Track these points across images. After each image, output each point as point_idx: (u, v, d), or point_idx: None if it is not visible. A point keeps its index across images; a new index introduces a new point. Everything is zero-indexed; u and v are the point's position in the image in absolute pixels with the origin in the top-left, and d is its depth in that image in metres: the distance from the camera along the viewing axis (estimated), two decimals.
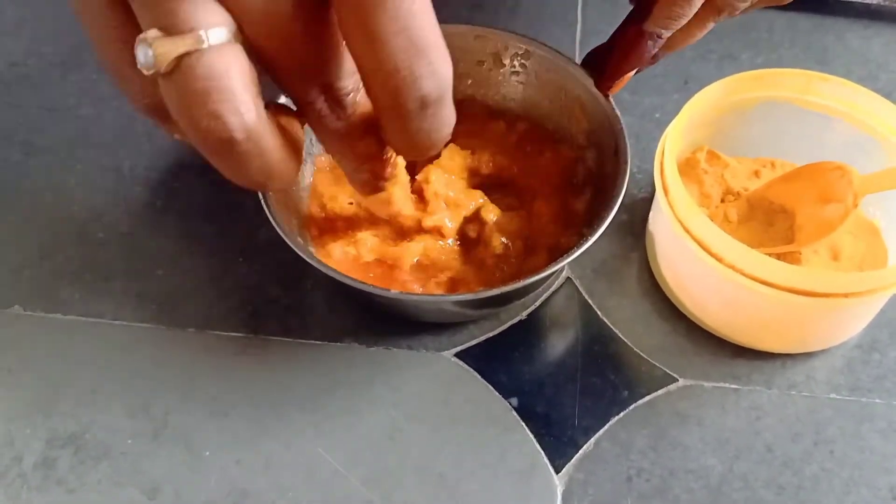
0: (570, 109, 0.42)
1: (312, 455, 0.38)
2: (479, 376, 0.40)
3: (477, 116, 0.44)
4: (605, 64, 0.38)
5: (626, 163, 0.38)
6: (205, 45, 0.23)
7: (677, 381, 0.40)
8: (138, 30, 0.23)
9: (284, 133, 0.25)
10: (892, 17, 0.54)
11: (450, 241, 0.41)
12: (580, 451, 0.38)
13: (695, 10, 0.35)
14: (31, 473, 0.37)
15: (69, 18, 0.52)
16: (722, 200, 0.43)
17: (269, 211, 0.37)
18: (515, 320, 0.42)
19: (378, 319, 0.41)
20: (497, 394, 0.39)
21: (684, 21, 0.35)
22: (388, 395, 0.39)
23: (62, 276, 0.43)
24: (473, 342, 0.41)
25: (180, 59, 0.23)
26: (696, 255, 0.37)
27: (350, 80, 0.26)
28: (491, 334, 0.41)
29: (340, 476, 0.37)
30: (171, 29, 0.23)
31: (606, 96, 0.40)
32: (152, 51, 0.23)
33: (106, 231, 0.44)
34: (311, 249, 0.40)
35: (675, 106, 0.40)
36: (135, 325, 0.41)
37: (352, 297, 0.42)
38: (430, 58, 0.24)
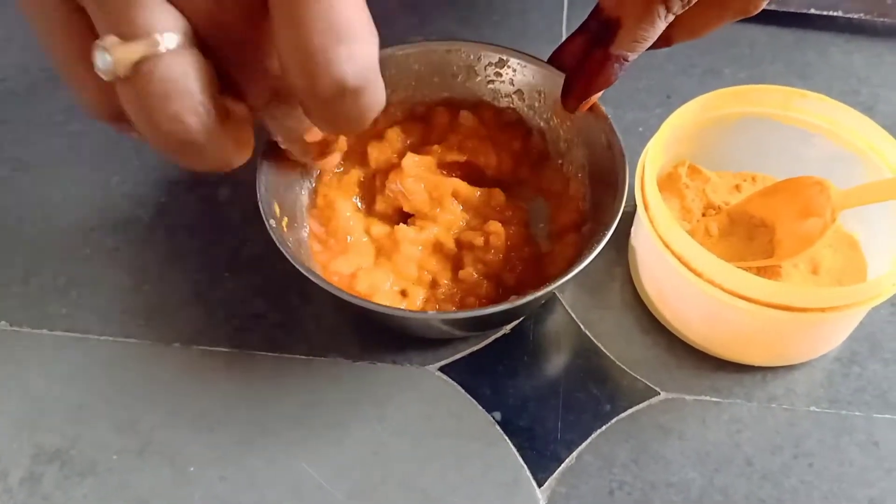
0: (551, 110, 0.43)
1: (297, 470, 0.38)
2: (462, 390, 0.40)
3: (459, 126, 0.45)
4: (571, 85, 0.39)
5: (622, 155, 0.39)
6: (161, 49, 0.23)
7: (659, 394, 0.40)
8: (95, 36, 0.24)
9: (235, 120, 0.26)
10: (873, 32, 0.54)
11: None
12: (563, 465, 0.38)
13: (659, 31, 0.35)
14: (16, 489, 0.37)
15: None
16: (703, 214, 0.44)
17: (268, 222, 0.37)
18: (499, 334, 0.42)
19: (364, 334, 0.42)
20: (481, 408, 0.40)
21: (649, 43, 0.36)
22: (372, 409, 0.40)
23: (49, 291, 0.43)
24: (458, 356, 0.41)
25: (138, 64, 0.23)
26: (677, 270, 0.37)
27: None
28: (475, 348, 0.41)
29: (325, 491, 0.37)
30: (127, 35, 0.23)
31: (573, 115, 0.40)
32: (111, 56, 0.23)
33: (93, 246, 0.44)
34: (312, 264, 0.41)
35: (658, 120, 0.41)
36: (121, 341, 0.41)
37: (340, 311, 0.42)
38: (350, 43, 0.24)
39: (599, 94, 0.38)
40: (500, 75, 0.43)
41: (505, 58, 0.43)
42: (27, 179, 0.47)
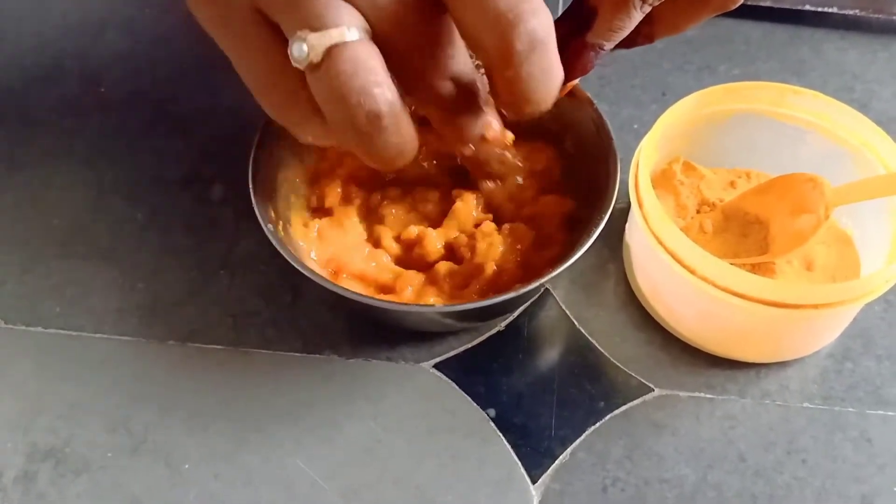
0: None
1: (292, 468, 0.38)
2: (457, 387, 0.40)
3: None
4: None
5: (610, 138, 0.39)
6: (349, 38, 0.27)
7: (653, 390, 0.40)
8: (282, 40, 0.28)
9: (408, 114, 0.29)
10: (867, 28, 0.54)
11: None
12: (556, 462, 0.38)
13: (635, 22, 0.35)
14: (11, 487, 0.37)
15: (51, 32, 0.53)
16: (698, 211, 0.44)
17: (265, 226, 0.37)
18: (493, 331, 0.42)
19: (357, 332, 0.42)
20: (475, 405, 0.40)
21: (625, 33, 0.36)
22: (367, 407, 0.40)
23: (43, 289, 0.43)
24: (452, 353, 0.41)
25: (329, 50, 0.27)
26: (670, 266, 0.37)
27: (466, 66, 0.30)
28: (469, 345, 0.42)
29: (319, 488, 0.37)
30: (319, 28, 0.27)
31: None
32: (306, 45, 0.27)
33: (87, 245, 0.44)
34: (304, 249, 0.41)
35: (653, 117, 0.41)
36: (115, 339, 0.41)
37: (334, 308, 0.42)
38: (532, 1, 0.27)
39: (576, 81, 0.39)
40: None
41: None
42: (21, 177, 0.47)
